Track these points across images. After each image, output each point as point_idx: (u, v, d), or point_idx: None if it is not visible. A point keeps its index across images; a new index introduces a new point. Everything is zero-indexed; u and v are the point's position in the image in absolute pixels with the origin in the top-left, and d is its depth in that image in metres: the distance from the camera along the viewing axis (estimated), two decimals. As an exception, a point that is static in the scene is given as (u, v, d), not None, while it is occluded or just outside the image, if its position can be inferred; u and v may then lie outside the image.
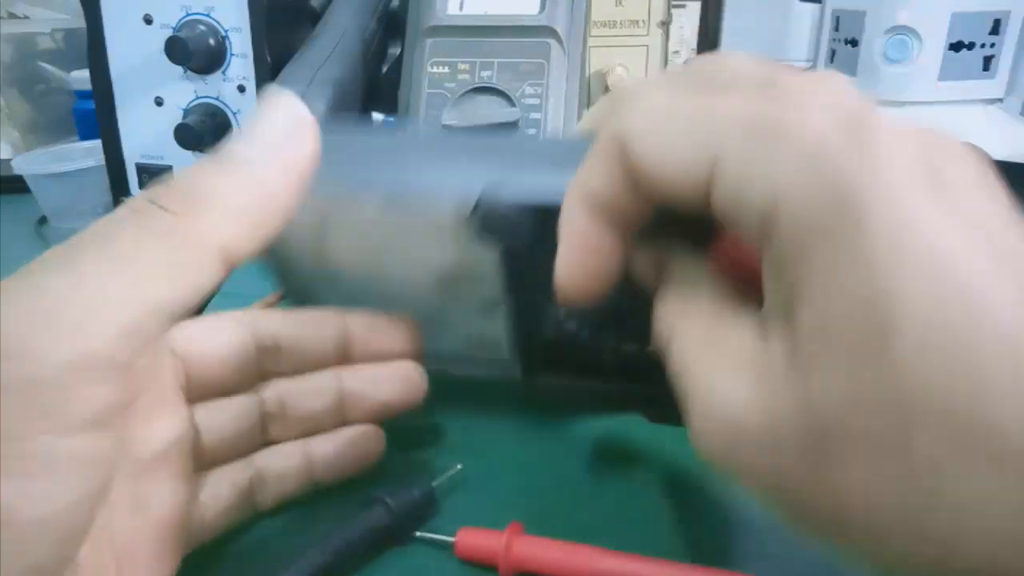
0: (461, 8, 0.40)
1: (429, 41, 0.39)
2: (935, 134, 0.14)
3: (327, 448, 0.23)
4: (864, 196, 0.12)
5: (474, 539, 0.22)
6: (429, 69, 0.39)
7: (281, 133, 0.17)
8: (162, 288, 0.15)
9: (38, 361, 0.13)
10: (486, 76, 0.38)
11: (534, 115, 0.37)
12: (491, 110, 0.38)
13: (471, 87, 0.38)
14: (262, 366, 0.23)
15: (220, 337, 0.22)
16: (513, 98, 0.38)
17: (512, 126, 0.37)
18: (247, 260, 0.16)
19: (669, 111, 0.15)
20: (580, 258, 0.17)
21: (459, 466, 0.25)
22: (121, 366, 0.14)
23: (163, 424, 0.19)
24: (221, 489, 0.22)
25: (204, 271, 0.15)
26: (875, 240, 0.12)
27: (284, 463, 0.23)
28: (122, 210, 0.16)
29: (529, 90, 0.38)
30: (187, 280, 0.15)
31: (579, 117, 0.39)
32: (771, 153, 0.13)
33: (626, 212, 0.16)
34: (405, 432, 0.25)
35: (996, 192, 0.13)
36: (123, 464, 0.18)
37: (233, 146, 0.17)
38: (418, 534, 0.23)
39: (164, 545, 0.19)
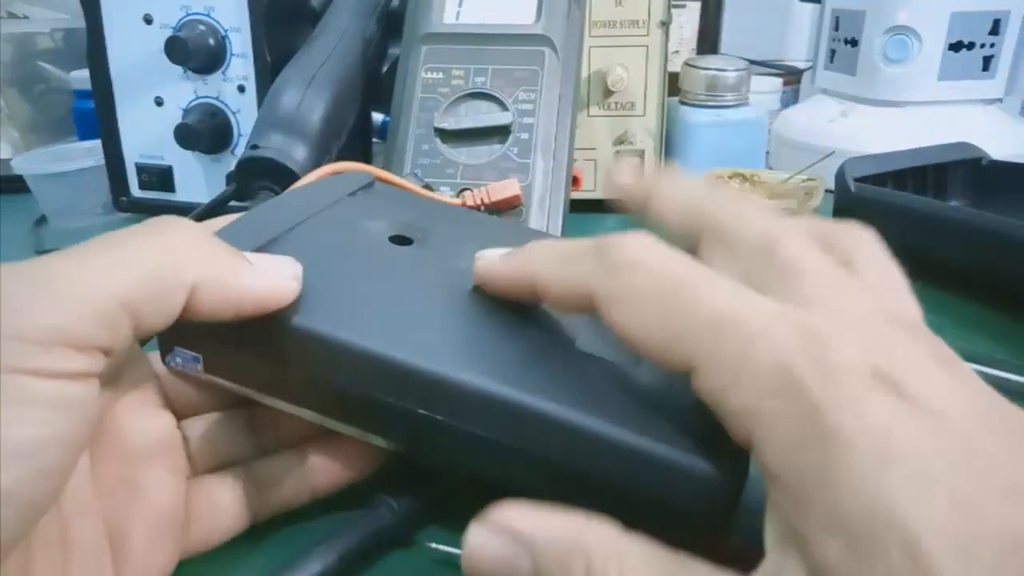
0: (457, 17, 0.40)
1: (424, 48, 0.39)
2: (885, 321, 0.15)
3: (324, 451, 0.23)
4: (835, 422, 0.13)
5: None
6: (423, 75, 0.39)
7: (279, 272, 0.19)
8: (137, 297, 0.16)
9: (24, 317, 0.15)
10: (480, 82, 0.38)
11: (527, 120, 0.37)
12: (484, 114, 0.38)
13: (464, 92, 0.38)
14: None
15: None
16: (506, 103, 0.38)
17: (504, 129, 0.37)
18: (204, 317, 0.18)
19: (646, 288, 0.16)
20: (503, 282, 0.21)
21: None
22: (92, 347, 0.16)
23: (151, 420, 0.20)
24: (216, 495, 0.22)
25: (172, 298, 0.17)
26: (860, 466, 0.13)
27: (280, 469, 0.23)
28: (142, 227, 0.18)
29: (523, 95, 0.38)
30: (160, 299, 0.17)
31: (572, 122, 0.39)
32: (741, 372, 0.14)
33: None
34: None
35: (942, 355, 0.15)
36: (115, 450, 0.19)
37: (248, 254, 0.19)
38: (433, 545, 0.22)
39: (158, 535, 0.20)
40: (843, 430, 0.13)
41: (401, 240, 0.25)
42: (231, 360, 0.21)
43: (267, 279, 0.19)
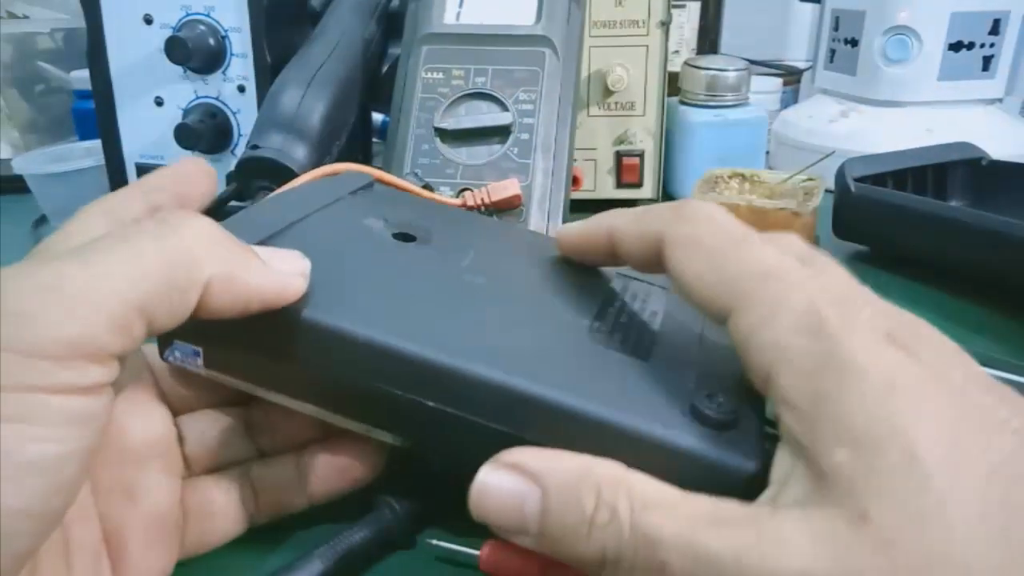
0: (458, 18, 0.40)
1: (425, 48, 0.39)
2: (896, 309, 0.17)
3: (321, 458, 0.23)
4: (851, 356, 0.15)
5: (505, 556, 0.21)
6: (423, 75, 0.39)
7: (290, 268, 0.19)
8: (152, 299, 0.16)
9: (39, 331, 0.14)
10: (480, 82, 0.38)
11: (527, 120, 0.37)
12: (484, 114, 0.38)
13: (465, 92, 0.38)
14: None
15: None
16: (506, 103, 0.38)
17: (505, 130, 0.37)
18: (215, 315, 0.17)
19: (711, 247, 0.18)
20: (583, 236, 0.23)
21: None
22: (108, 355, 0.15)
23: (147, 419, 0.20)
24: (213, 496, 0.22)
25: (187, 295, 0.17)
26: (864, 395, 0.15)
27: (277, 473, 0.22)
28: (152, 222, 0.17)
29: (523, 96, 0.38)
30: (175, 299, 0.16)
31: (572, 122, 0.39)
32: (776, 311, 0.16)
33: (627, 255, 0.21)
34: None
35: (949, 344, 0.16)
36: (112, 452, 0.19)
37: (258, 250, 0.19)
38: (434, 542, 0.22)
39: (154, 538, 0.20)
40: (857, 363, 0.15)
41: (404, 237, 0.24)
42: (234, 354, 0.20)
43: (276, 276, 0.18)
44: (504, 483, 0.17)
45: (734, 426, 0.18)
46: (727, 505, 0.15)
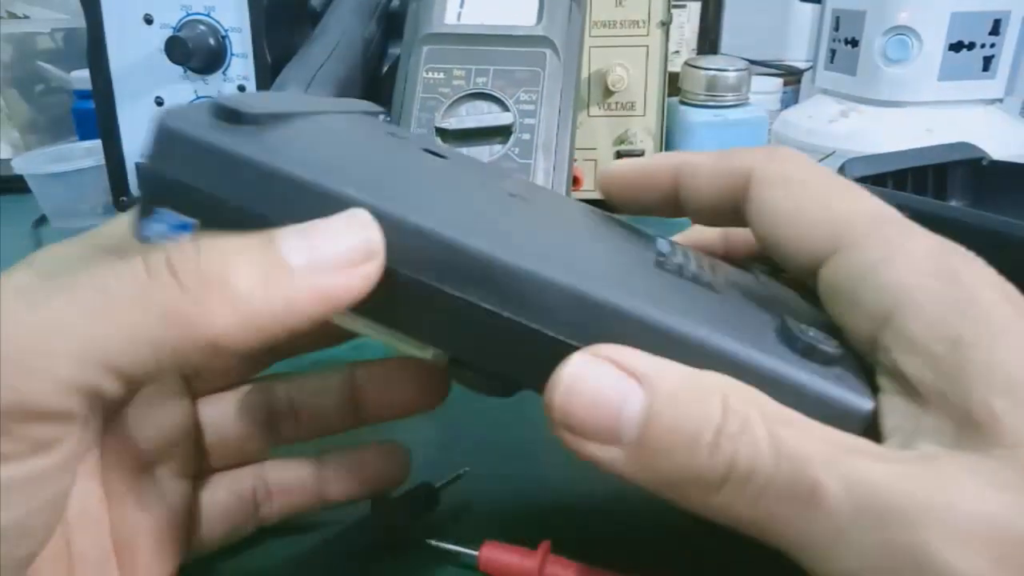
0: (459, 18, 0.40)
1: (425, 48, 0.39)
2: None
3: (345, 461, 0.22)
4: (989, 304, 0.14)
5: (503, 556, 0.21)
6: (424, 75, 0.39)
7: (344, 257, 0.14)
8: (124, 361, 0.13)
9: None
10: (481, 83, 0.38)
11: (528, 120, 0.38)
12: (485, 114, 0.38)
13: (466, 92, 0.38)
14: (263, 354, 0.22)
15: None
16: (507, 103, 0.38)
17: (506, 130, 0.37)
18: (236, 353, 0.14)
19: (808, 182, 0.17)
20: (641, 171, 0.20)
21: (466, 468, 0.24)
22: (60, 415, 0.13)
23: (163, 415, 0.19)
24: (224, 498, 0.21)
25: (182, 355, 0.14)
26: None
27: (293, 476, 0.22)
28: (137, 264, 0.14)
29: (524, 96, 0.38)
30: (160, 358, 0.13)
31: (573, 123, 0.39)
32: (900, 249, 0.15)
33: (695, 199, 0.19)
34: (408, 428, 0.25)
35: None
36: (123, 457, 0.19)
37: (286, 242, 0.14)
38: (433, 543, 0.22)
39: (164, 543, 0.19)
40: (997, 314, 0.14)
41: (434, 153, 0.22)
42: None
43: (309, 283, 0.14)
44: (603, 376, 0.14)
45: (839, 362, 0.16)
46: (866, 442, 0.14)
